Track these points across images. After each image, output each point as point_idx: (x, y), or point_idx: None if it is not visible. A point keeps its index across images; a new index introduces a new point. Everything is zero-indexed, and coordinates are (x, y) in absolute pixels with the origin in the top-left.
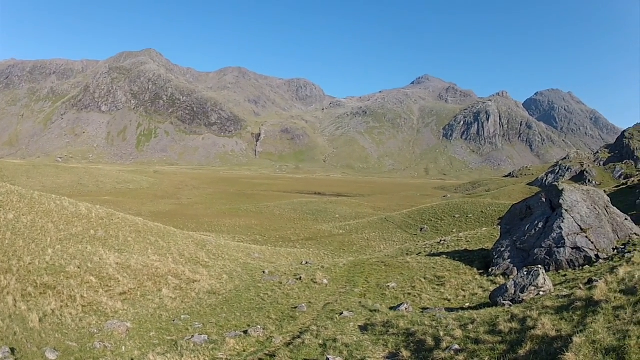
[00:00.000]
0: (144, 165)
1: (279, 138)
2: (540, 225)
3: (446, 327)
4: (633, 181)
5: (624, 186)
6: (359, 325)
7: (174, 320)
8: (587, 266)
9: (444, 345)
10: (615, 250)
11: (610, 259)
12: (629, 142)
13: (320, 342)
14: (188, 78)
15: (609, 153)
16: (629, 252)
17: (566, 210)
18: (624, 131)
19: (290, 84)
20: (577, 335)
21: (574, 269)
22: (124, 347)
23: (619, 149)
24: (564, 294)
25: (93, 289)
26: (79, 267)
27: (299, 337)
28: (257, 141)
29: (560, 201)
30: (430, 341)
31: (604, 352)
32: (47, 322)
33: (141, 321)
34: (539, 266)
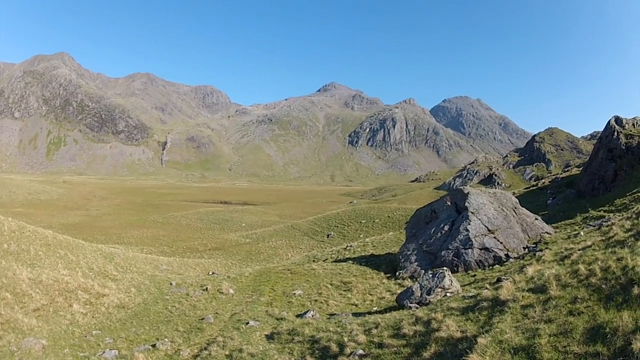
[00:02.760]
0: (53, 175)
1: (184, 146)
2: (446, 228)
3: (350, 332)
4: (544, 182)
5: (534, 187)
6: (265, 335)
7: (85, 336)
8: (497, 266)
9: (348, 351)
10: (527, 249)
11: (521, 257)
12: (539, 145)
13: (227, 352)
14: (98, 84)
15: (518, 156)
16: (540, 250)
17: (472, 213)
18: (535, 135)
19: (197, 91)
20: (483, 336)
21: (484, 269)
22: None
23: (530, 152)
24: (470, 294)
25: (9, 306)
26: None
27: (205, 348)
28: (163, 150)
29: (466, 204)
30: (334, 347)
31: (512, 351)
32: None
33: (55, 338)
34: (445, 268)
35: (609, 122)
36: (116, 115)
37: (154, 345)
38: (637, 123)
